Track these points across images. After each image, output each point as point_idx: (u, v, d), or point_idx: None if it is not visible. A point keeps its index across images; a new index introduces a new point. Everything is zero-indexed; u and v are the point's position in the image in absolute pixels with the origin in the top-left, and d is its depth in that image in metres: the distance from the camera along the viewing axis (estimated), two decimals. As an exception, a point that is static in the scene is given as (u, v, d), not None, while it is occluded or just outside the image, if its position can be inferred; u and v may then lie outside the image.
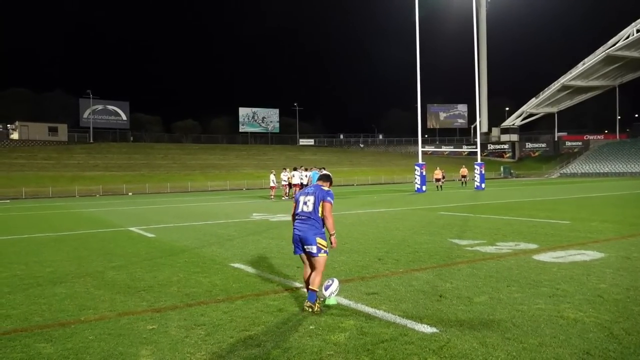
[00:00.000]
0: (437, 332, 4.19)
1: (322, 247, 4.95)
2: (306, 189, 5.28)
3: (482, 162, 36.48)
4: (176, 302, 5.49)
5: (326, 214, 5.03)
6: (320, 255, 4.96)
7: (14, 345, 4.20)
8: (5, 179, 45.62)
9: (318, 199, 5.04)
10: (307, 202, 5.06)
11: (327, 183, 5.34)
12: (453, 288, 5.70)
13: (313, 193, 5.12)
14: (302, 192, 5.27)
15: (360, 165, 76.16)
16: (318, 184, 5.32)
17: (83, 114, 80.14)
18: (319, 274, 4.97)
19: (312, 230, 4.96)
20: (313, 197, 5.07)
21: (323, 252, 4.97)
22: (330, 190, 5.22)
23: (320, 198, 5.06)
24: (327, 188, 5.21)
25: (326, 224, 5.04)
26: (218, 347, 4.00)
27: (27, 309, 5.34)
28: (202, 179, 57.87)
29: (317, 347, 3.91)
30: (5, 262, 8.46)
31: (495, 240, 9.29)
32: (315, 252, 4.94)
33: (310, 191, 5.18)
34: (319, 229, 4.99)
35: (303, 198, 5.15)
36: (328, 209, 5.04)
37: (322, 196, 5.07)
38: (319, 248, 4.93)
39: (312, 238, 4.93)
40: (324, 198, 5.06)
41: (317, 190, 5.14)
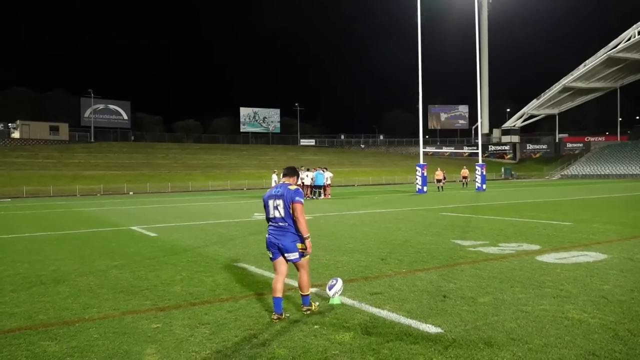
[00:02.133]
0: (442, 332, 4.18)
1: (302, 251, 4.73)
2: (273, 191, 4.86)
3: (483, 163, 36.46)
4: (180, 301, 5.49)
5: (297, 216, 4.66)
6: (303, 259, 4.77)
7: (18, 343, 4.20)
8: (7, 178, 45.65)
9: (287, 202, 4.68)
10: (278, 207, 4.72)
11: (293, 178, 4.99)
12: (457, 288, 5.69)
13: (281, 195, 4.73)
14: (270, 194, 4.85)
15: (361, 166, 76.15)
16: (284, 182, 4.95)
17: (84, 113, 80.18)
18: (305, 273, 4.82)
19: (289, 237, 4.69)
20: (282, 200, 4.70)
21: (305, 254, 4.78)
22: (299, 189, 4.81)
23: (289, 200, 4.68)
24: (294, 187, 4.82)
25: (298, 227, 4.69)
26: (223, 346, 4.00)
27: (31, 307, 5.35)
28: (203, 179, 57.87)
29: (322, 347, 3.91)
30: (8, 261, 8.47)
31: (497, 241, 9.28)
32: (297, 257, 4.72)
33: (278, 193, 4.77)
34: (296, 233, 4.71)
35: (272, 202, 4.77)
36: (299, 210, 4.65)
37: (290, 198, 4.69)
38: (300, 253, 4.73)
39: (292, 245, 4.68)
40: (293, 199, 4.68)
41: (285, 191, 4.75)
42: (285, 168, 5.11)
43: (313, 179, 26.97)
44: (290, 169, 5.08)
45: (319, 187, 27.41)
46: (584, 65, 77.54)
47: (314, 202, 24.51)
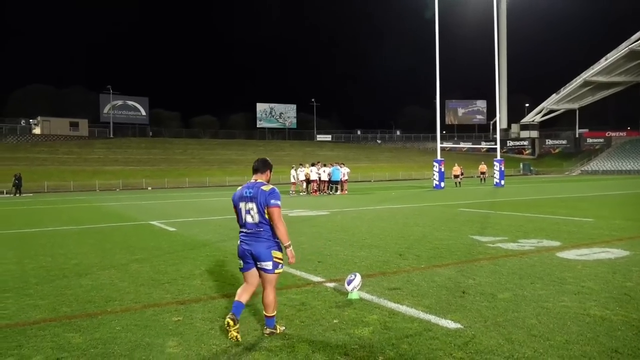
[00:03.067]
0: (461, 327, 4.17)
1: (278, 261, 4.07)
2: (243, 191, 4.13)
3: (502, 158, 36.10)
4: (200, 295, 5.55)
5: (275, 222, 4.00)
6: (277, 271, 4.09)
7: (44, 334, 4.29)
8: (28, 173, 46.43)
9: (261, 205, 3.99)
10: (250, 211, 4.04)
11: (266, 174, 4.24)
12: (476, 284, 5.66)
13: (253, 198, 4.03)
14: (241, 195, 4.13)
15: (377, 162, 75.94)
16: (256, 180, 4.19)
17: (103, 109, 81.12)
18: (273, 292, 4.12)
19: (264, 243, 4.02)
20: (255, 204, 4.01)
21: (280, 266, 4.11)
22: (274, 188, 4.08)
23: (263, 203, 3.99)
24: (268, 186, 4.10)
25: (277, 234, 4.05)
26: (243, 339, 4.03)
27: (55, 300, 5.45)
28: (220, 174, 58.23)
29: (341, 341, 3.93)
30: (32, 254, 8.63)
31: (517, 237, 9.20)
32: (271, 268, 4.04)
33: (248, 195, 4.06)
34: (272, 239, 4.06)
35: (243, 205, 4.09)
36: (276, 214, 3.99)
37: (264, 201, 3.99)
38: (275, 263, 4.05)
39: (267, 252, 4.01)
40: (268, 203, 3.99)
41: (258, 193, 4.03)
42: (256, 161, 4.29)
43: (330, 175, 26.97)
44: (261, 162, 4.28)
45: (335, 183, 27.41)
46: (605, 59, 76.20)
47: (331, 197, 24.52)
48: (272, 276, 4.08)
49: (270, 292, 4.12)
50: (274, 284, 4.14)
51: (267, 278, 4.09)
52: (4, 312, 5.01)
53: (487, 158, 52.09)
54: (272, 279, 4.10)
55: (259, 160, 4.31)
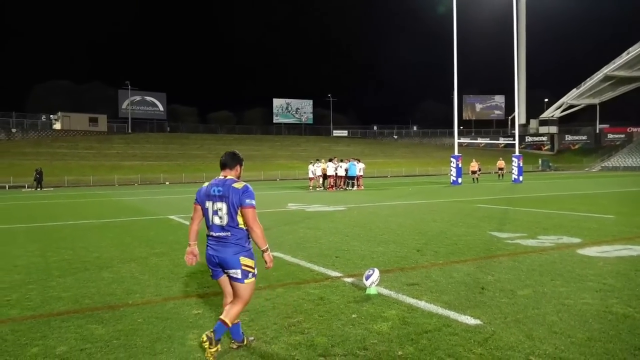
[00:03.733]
0: (481, 324, 4.15)
1: (248, 269, 3.55)
2: (210, 188, 3.62)
3: (520, 154, 35.71)
4: (218, 289, 5.55)
5: (250, 224, 3.52)
6: (247, 281, 3.57)
7: (67, 326, 4.37)
8: (49, 168, 47.18)
9: (233, 206, 3.50)
10: (219, 212, 3.53)
11: (235, 169, 3.73)
12: (495, 281, 5.62)
13: (223, 197, 3.52)
14: (208, 192, 3.62)
15: (394, 157, 75.66)
16: (225, 176, 3.67)
17: (122, 104, 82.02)
18: (240, 303, 3.60)
19: (232, 248, 3.52)
20: (225, 204, 3.51)
21: (251, 275, 3.58)
22: (248, 186, 3.58)
23: (235, 204, 3.50)
24: (241, 184, 3.58)
25: (253, 238, 3.59)
26: (262, 333, 4.07)
27: (77, 292, 5.55)
28: (237, 170, 58.48)
29: (360, 336, 3.94)
30: (54, 247, 8.79)
31: (536, 234, 9.11)
32: (240, 277, 3.54)
33: (218, 193, 3.55)
34: (243, 244, 3.54)
35: (210, 205, 3.57)
36: (251, 216, 3.51)
37: (237, 200, 3.50)
38: (244, 272, 3.53)
39: (234, 259, 3.51)
40: (242, 203, 3.49)
41: (229, 191, 3.52)
42: (224, 155, 3.77)
43: (347, 170, 26.95)
44: (229, 156, 3.76)
45: (352, 178, 27.39)
46: (627, 53, 74.78)
47: (347, 193, 24.51)
48: (242, 286, 3.55)
49: (237, 305, 3.58)
50: (247, 298, 3.60)
51: (237, 289, 3.58)
52: (28, 304, 5.12)
53: (505, 154, 51.58)
54: (243, 289, 3.57)
55: (227, 154, 3.77)
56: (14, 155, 56.42)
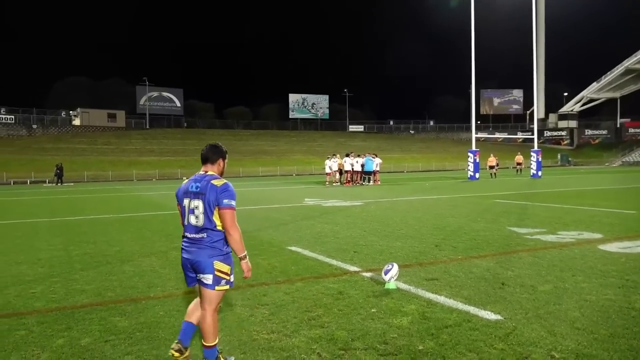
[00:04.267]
0: (501, 319, 4.13)
1: (221, 275, 3.23)
2: (189, 185, 3.32)
3: (539, 149, 35.29)
4: (238, 283, 5.60)
5: (227, 227, 3.19)
6: (218, 288, 3.23)
7: (91, 318, 4.45)
8: (69, 163, 47.88)
9: (209, 205, 3.17)
10: (195, 211, 3.21)
11: (218, 164, 3.41)
12: (515, 276, 5.58)
13: (200, 194, 3.21)
14: (186, 189, 3.32)
15: (410, 152, 75.30)
16: (206, 172, 3.35)
17: (139, 100, 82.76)
18: (212, 315, 3.28)
19: (206, 251, 3.19)
20: (201, 202, 3.19)
21: (224, 282, 3.25)
22: (228, 184, 3.26)
23: (212, 202, 3.18)
24: (221, 181, 3.26)
25: (230, 243, 3.25)
26: (283, 327, 4.10)
27: (100, 285, 5.64)
28: (253, 165, 58.80)
29: (380, 330, 3.94)
30: (76, 241, 8.94)
31: (556, 229, 9.01)
32: (210, 283, 3.19)
33: (196, 190, 3.25)
34: (219, 247, 3.22)
35: (187, 202, 3.27)
36: (229, 218, 3.17)
37: (214, 199, 3.18)
38: (217, 277, 3.20)
39: (208, 262, 3.18)
40: (219, 202, 3.17)
41: (207, 188, 3.21)
42: (206, 148, 3.42)
43: (363, 165, 26.91)
44: (210, 149, 3.41)
45: (368, 173, 27.35)
46: (650, 45, 73.23)
47: (364, 188, 24.49)
48: (211, 293, 3.23)
49: (208, 315, 3.27)
50: (214, 305, 3.28)
51: (205, 295, 3.25)
52: (53, 296, 5.22)
53: (523, 149, 51.01)
54: (212, 297, 3.25)
55: (208, 146, 3.42)
56: (34, 151, 57.37)
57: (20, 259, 7.30)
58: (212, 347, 3.30)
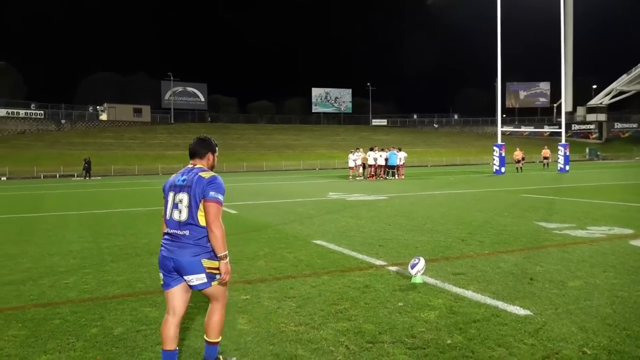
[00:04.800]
0: (531, 314, 4.08)
1: (214, 271, 2.97)
2: (176, 178, 3.13)
3: (566, 142, 34.62)
4: (265, 275, 5.70)
5: (210, 221, 2.92)
6: (215, 283, 3.00)
7: (123, 308, 4.55)
8: (96, 157, 48.78)
9: (196, 197, 2.95)
10: (179, 205, 3.00)
11: (207, 158, 3.21)
12: (544, 271, 5.51)
13: (187, 187, 3.00)
14: (173, 182, 3.13)
15: (434, 146, 74.66)
16: (195, 164, 3.16)
17: (164, 95, 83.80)
18: (220, 311, 3.11)
19: (190, 249, 2.93)
20: (187, 195, 2.98)
21: (219, 277, 3.00)
22: (217, 177, 3.04)
23: (199, 195, 2.96)
24: (209, 174, 3.05)
25: (210, 240, 2.95)
26: (310, 319, 4.13)
27: (130, 277, 5.76)
28: (277, 159, 59.05)
29: (407, 324, 3.94)
30: (105, 234, 9.13)
31: (585, 224, 8.84)
32: (206, 281, 2.96)
33: (182, 182, 3.05)
34: (204, 245, 2.96)
35: (172, 196, 3.06)
36: (213, 212, 2.92)
37: (200, 191, 2.96)
38: (210, 274, 2.96)
39: (194, 262, 2.92)
40: (206, 194, 2.95)
41: (194, 180, 3.00)
42: (194, 142, 3.24)
43: (387, 159, 26.80)
44: (198, 142, 3.23)
45: (392, 167, 27.22)
46: (683, 36, 71.03)
47: (388, 182, 24.40)
48: (213, 290, 3.02)
49: (215, 311, 3.09)
50: (223, 301, 3.10)
51: (209, 294, 3.05)
52: (85, 287, 5.35)
53: (550, 142, 50.09)
54: (216, 293, 3.04)
55: (196, 140, 3.24)
56: (63, 145, 58.63)
57: (53, 251, 7.50)
58: (216, 344, 3.15)
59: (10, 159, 48.98)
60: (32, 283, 5.56)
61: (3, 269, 6.30)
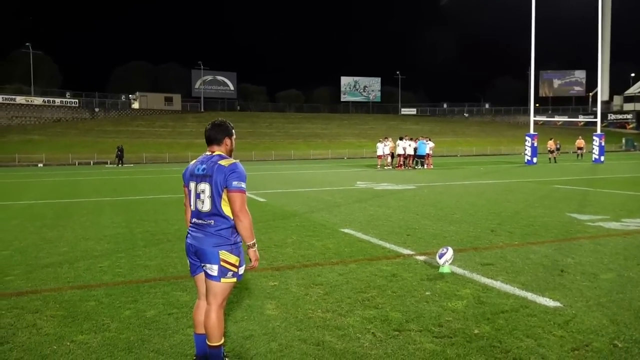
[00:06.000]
0: (560, 306, 4.03)
1: (228, 267, 2.92)
2: (195, 166, 3.05)
3: (602, 133, 33.69)
4: (293, 263, 5.77)
5: (236, 211, 2.90)
6: (224, 280, 2.94)
7: (155, 292, 4.67)
8: (129, 145, 49.72)
9: (218, 187, 2.90)
10: (201, 195, 2.96)
11: (225, 144, 3.11)
12: (575, 263, 5.42)
13: (207, 177, 2.94)
14: (192, 172, 3.06)
15: (464, 136, 73.57)
16: (213, 152, 3.07)
17: (194, 84, 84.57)
18: (217, 311, 2.97)
19: (212, 239, 2.92)
20: (208, 185, 2.93)
21: (231, 275, 2.94)
22: (237, 164, 2.98)
23: (220, 185, 2.90)
24: (229, 161, 2.98)
25: (238, 229, 2.94)
26: (337, 306, 4.17)
27: (161, 262, 5.90)
28: (305, 148, 59.15)
29: (435, 313, 3.94)
30: (138, 220, 9.34)
31: (620, 216, 8.63)
32: (215, 275, 2.91)
33: (202, 172, 2.98)
34: (227, 236, 2.93)
35: (194, 186, 3.01)
36: (239, 202, 2.90)
37: (222, 181, 2.90)
38: (222, 269, 2.91)
39: (213, 252, 2.91)
40: (228, 185, 2.90)
41: (214, 169, 2.93)
42: (209, 127, 3.11)
43: (416, 149, 26.57)
44: (214, 128, 3.10)
45: (421, 157, 26.99)
46: None
47: (416, 171, 24.22)
48: (216, 286, 2.94)
49: (213, 311, 2.96)
50: (220, 300, 2.98)
51: (210, 287, 2.97)
52: (119, 270, 5.51)
53: (585, 132, 48.80)
54: (217, 290, 2.95)
55: (212, 125, 3.12)
56: (97, 133, 59.92)
57: (88, 235, 7.72)
58: (217, 348, 2.97)
59: (47, 146, 50.40)
60: (68, 266, 5.76)
61: (41, 252, 6.53)
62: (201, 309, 3.08)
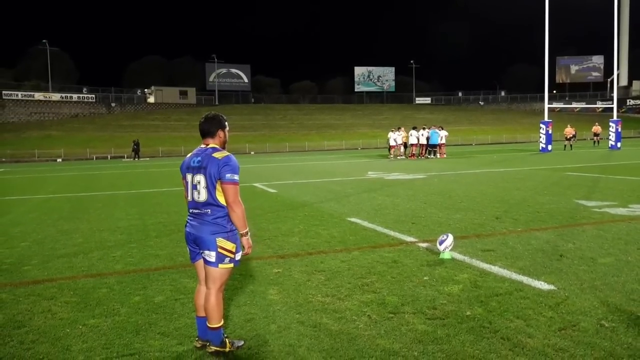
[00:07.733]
0: (554, 289, 4.14)
1: (225, 253, 3.10)
2: (191, 159, 3.22)
3: (619, 119, 33.21)
4: (298, 251, 5.93)
5: (230, 202, 3.09)
6: (222, 266, 3.12)
7: (164, 279, 4.88)
8: (144, 139, 50.33)
9: (212, 178, 3.07)
10: (197, 186, 3.13)
11: (218, 136, 3.25)
12: (575, 248, 5.50)
13: (202, 168, 3.11)
14: (188, 164, 3.23)
15: (479, 124, 72.97)
16: (206, 145, 3.23)
17: (209, 77, 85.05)
18: (216, 294, 3.16)
19: (209, 227, 3.10)
20: (203, 176, 3.09)
21: (228, 261, 3.13)
22: (230, 157, 3.13)
23: (214, 177, 3.07)
24: (222, 154, 3.14)
25: (232, 219, 3.13)
26: (337, 291, 4.32)
27: (172, 251, 6.11)
28: (319, 139, 59.26)
29: (430, 296, 4.08)
30: (151, 211, 9.59)
31: (628, 202, 8.64)
32: (213, 261, 3.10)
33: (197, 164, 3.15)
34: (223, 224, 3.11)
35: (190, 178, 3.19)
36: (232, 193, 3.07)
37: (216, 172, 3.07)
38: (220, 255, 3.09)
39: (210, 239, 3.08)
40: (222, 177, 3.06)
41: (208, 161, 3.10)
42: (203, 120, 3.27)
43: (428, 138, 26.54)
44: (208, 121, 3.26)
45: (433, 146, 26.95)
46: None
47: (429, 161, 24.22)
48: (215, 271, 3.12)
49: (212, 295, 3.15)
50: (218, 284, 3.16)
51: (210, 273, 3.15)
52: (130, 259, 5.73)
53: (603, 119, 48.11)
54: (216, 275, 3.13)
55: (205, 118, 3.27)
56: (114, 128, 60.75)
57: (102, 227, 7.98)
58: (217, 329, 3.16)
59: (65, 141, 51.26)
60: (82, 256, 6.00)
61: (57, 244, 6.79)
62: (201, 293, 3.27)
